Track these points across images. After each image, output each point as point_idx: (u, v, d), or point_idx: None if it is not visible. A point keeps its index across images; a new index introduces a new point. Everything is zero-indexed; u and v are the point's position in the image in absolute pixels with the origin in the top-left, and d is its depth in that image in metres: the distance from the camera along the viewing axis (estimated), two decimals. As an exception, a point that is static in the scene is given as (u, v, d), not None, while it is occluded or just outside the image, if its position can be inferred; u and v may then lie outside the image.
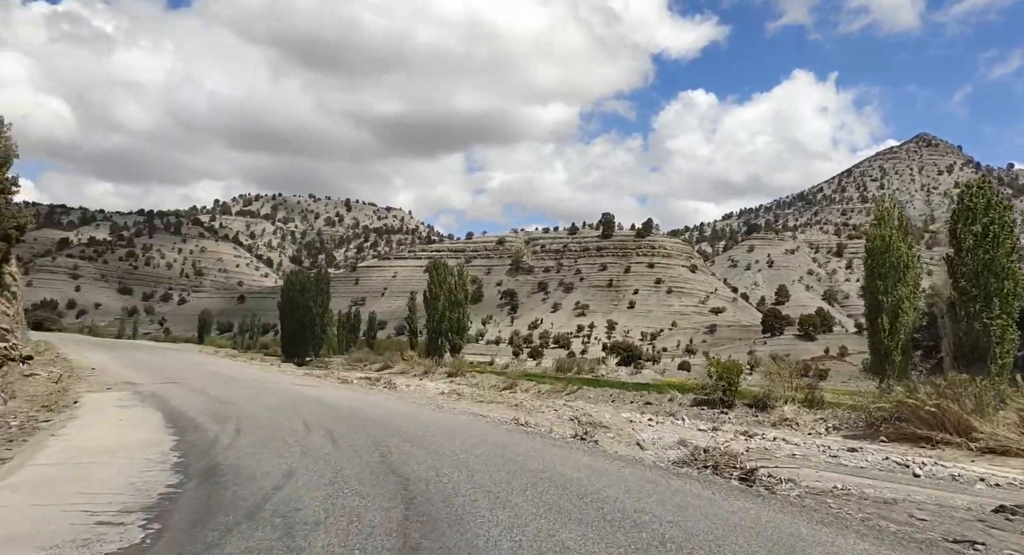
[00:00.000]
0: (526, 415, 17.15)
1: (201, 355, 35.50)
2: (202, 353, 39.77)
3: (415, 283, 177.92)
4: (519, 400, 20.20)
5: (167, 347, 45.09)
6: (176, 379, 17.70)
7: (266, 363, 38.43)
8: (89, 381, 16.83)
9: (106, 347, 34.60)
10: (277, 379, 20.53)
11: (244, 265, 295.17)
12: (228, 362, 31.62)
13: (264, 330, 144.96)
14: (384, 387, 22.51)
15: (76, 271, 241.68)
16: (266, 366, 33.86)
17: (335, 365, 73.09)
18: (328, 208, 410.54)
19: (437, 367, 45.73)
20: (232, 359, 36.23)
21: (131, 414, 11.09)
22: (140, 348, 35.75)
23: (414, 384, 32.91)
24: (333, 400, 14.60)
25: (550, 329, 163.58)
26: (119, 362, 24.96)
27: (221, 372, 21.54)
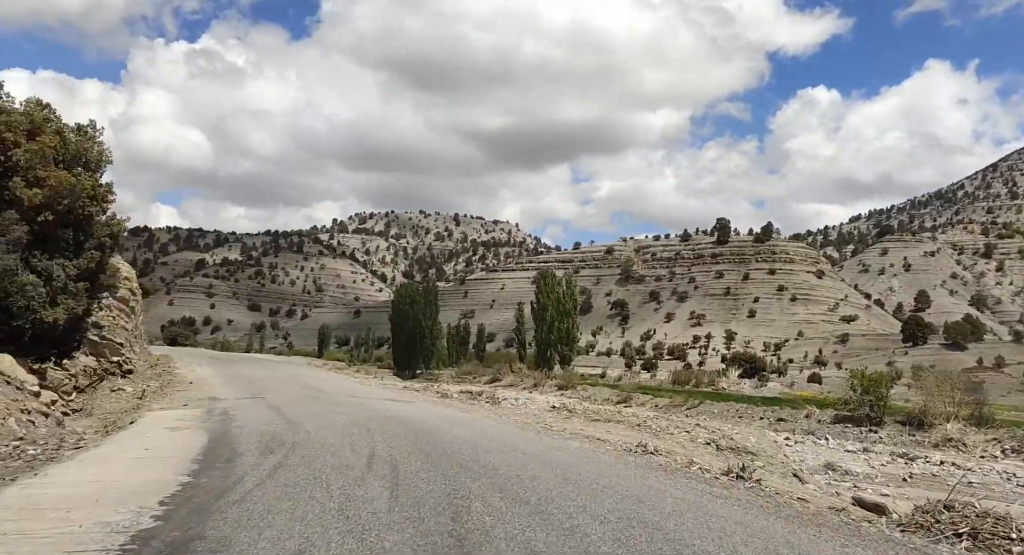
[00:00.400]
0: (653, 438, 13.94)
1: (308, 368, 34.65)
2: (311, 366, 39.22)
3: (523, 295, 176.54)
4: (641, 418, 17.01)
5: (280, 360, 45.22)
6: (262, 394, 16.00)
7: (371, 376, 37.21)
8: (173, 397, 15.38)
9: (219, 361, 34.53)
10: (370, 394, 18.48)
11: (360, 281, 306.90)
12: (331, 375, 30.41)
13: (379, 343, 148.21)
14: (486, 402, 19.97)
15: (211, 290, 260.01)
16: (368, 379, 32.46)
17: (444, 378, 72.00)
18: (437, 223, 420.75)
19: (546, 379, 43.12)
20: (337, 372, 35.27)
21: (170, 440, 9.01)
22: (252, 361, 35.53)
23: (522, 397, 30.56)
24: (421, 420, 12.10)
25: (663, 340, 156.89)
26: (221, 376, 24.05)
27: (314, 386, 19.87)
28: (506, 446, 9.56)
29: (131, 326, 29.12)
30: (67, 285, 15.45)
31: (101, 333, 24.86)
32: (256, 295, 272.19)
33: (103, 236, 16.38)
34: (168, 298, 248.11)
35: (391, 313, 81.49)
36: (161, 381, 19.47)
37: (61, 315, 15.12)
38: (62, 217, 15.53)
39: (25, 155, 14.78)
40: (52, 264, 15.20)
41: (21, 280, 14.45)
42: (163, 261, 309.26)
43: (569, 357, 62.49)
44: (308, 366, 36.36)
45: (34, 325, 14.83)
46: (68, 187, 15.19)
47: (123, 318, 28.58)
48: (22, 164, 14.86)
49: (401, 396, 19.33)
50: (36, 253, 15.14)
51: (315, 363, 47.54)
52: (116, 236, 16.82)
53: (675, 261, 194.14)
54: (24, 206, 14.75)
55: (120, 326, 27.90)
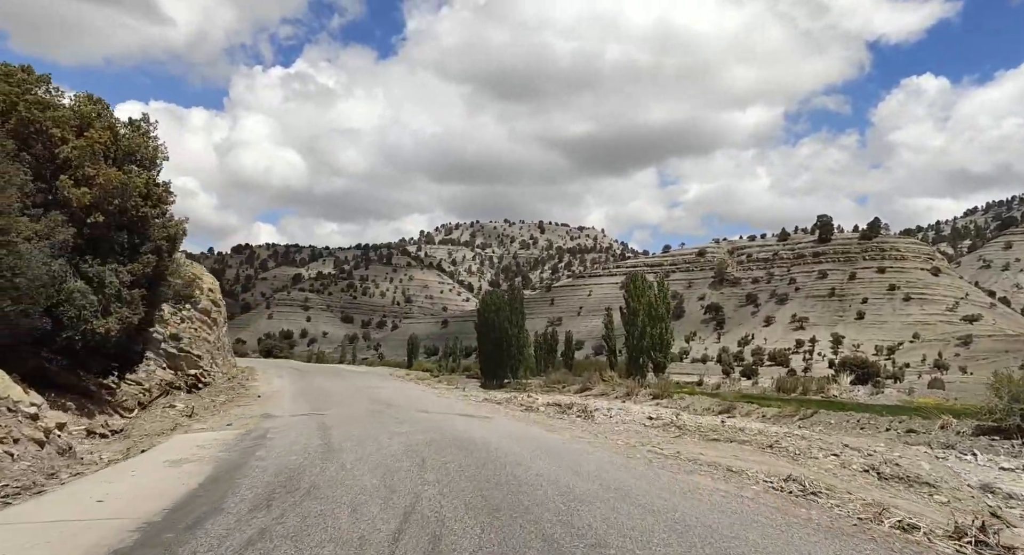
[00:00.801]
0: (795, 465, 11.01)
1: (389, 379, 33.15)
2: (392, 377, 37.84)
3: (611, 301, 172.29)
4: (771, 436, 13.98)
5: (363, 371, 44.29)
6: (323, 409, 14.18)
7: (452, 386, 35.33)
8: (226, 414, 13.79)
9: (301, 373, 33.72)
10: (445, 407, 16.33)
11: (447, 291, 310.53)
12: (409, 386, 28.71)
13: (466, 353, 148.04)
14: (577, 415, 17.39)
15: (306, 303, 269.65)
16: (448, 390, 30.56)
17: (531, 387, 69.86)
18: (522, 231, 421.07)
19: (640, 388, 41.10)
20: (418, 382, 33.68)
21: (150, 483, 6.95)
22: (334, 373, 34.41)
23: (615, 408, 28.17)
24: (495, 444, 9.71)
25: (763, 345, 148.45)
26: (293, 389, 22.70)
27: (385, 399, 17.98)
28: (610, 490, 7.01)
29: (213, 338, 28.54)
30: (120, 292, 14.15)
31: (179, 345, 24.06)
32: (348, 307, 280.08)
33: (160, 239, 15.06)
34: (268, 312, 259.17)
35: (477, 322, 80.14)
36: (229, 395, 18.13)
37: (114, 325, 13.80)
38: (114, 218, 14.28)
39: (73, 152, 13.59)
40: (104, 269, 13.93)
41: (69, 287, 13.19)
42: (263, 276, 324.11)
43: (663, 364, 58.99)
44: (390, 377, 34.95)
45: (84, 336, 13.56)
46: (119, 185, 13.91)
47: (205, 330, 27.98)
48: (72, 162, 13.68)
49: (479, 410, 17.13)
50: (87, 258, 13.93)
51: (398, 373, 46.28)
52: (174, 239, 15.49)
53: (773, 262, 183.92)
54: (72, 207, 13.54)
55: (201, 338, 27.23)
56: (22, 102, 13.00)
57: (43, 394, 14.01)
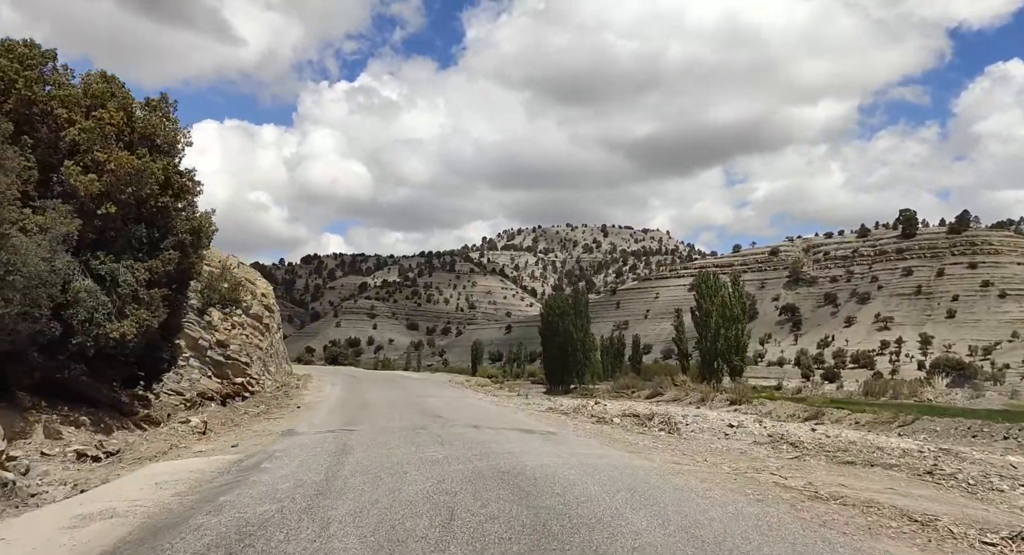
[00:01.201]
0: (975, 500, 8.16)
1: (446, 387, 31.28)
2: (451, 384, 35.94)
3: (679, 303, 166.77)
4: (919, 456, 10.98)
5: (422, 378, 42.21)
6: (358, 424, 12.19)
7: (514, 393, 33.14)
8: (246, 430, 11.99)
9: (357, 380, 32.37)
10: (501, 421, 13.98)
11: (510, 296, 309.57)
12: (466, 394, 26.72)
13: (531, 358, 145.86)
14: (660, 429, 14.74)
15: (372, 311, 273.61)
16: (509, 398, 28.42)
17: (599, 393, 66.92)
18: (585, 235, 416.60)
19: (715, 393, 37.31)
20: (478, 389, 31.67)
21: None
22: (389, 381, 32.71)
23: (690, 414, 25.76)
24: (562, 481, 7.19)
25: (844, 347, 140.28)
26: (339, 399, 21.16)
27: (434, 411, 15.91)
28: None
29: (265, 344, 27.28)
30: (137, 292, 12.53)
31: (226, 352, 22.69)
32: (413, 314, 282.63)
33: (184, 232, 13.41)
34: (336, 320, 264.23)
35: (541, 326, 77.84)
36: (268, 405, 16.48)
37: (130, 329, 12.16)
38: (129, 210, 12.67)
39: (80, 135, 12.04)
40: (117, 266, 12.33)
41: (76, 286, 11.61)
42: (331, 286, 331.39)
43: (740, 368, 55.35)
44: (448, 384, 33.09)
45: (97, 342, 11.96)
46: (133, 172, 12.28)
47: (256, 336, 26.71)
48: (80, 146, 12.15)
49: (541, 423, 14.77)
50: (98, 254, 12.36)
51: (459, 380, 44.32)
52: (199, 232, 13.81)
53: (852, 259, 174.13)
54: (80, 196, 11.98)
55: (252, 344, 25.94)
56: (22, 79, 11.53)
57: (55, 407, 12.47)
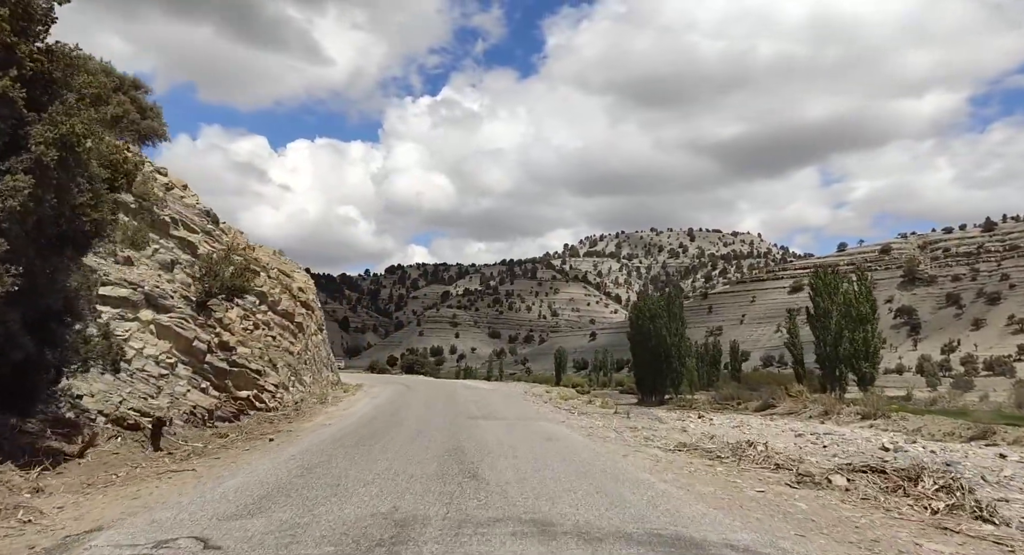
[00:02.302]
0: None
1: (520, 401, 24.98)
2: (528, 395, 29.58)
3: (779, 306, 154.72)
4: None
5: (492, 388, 35.78)
6: (343, 482, 6.48)
7: (607, 409, 26.75)
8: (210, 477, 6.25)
9: (411, 390, 27.03)
10: (615, 484, 7.60)
11: (594, 303, 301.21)
12: (545, 411, 20.55)
13: (618, 366, 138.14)
14: (933, 496, 8.12)
15: (454, 319, 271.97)
16: (601, 417, 22.22)
17: (700, 404, 59.09)
18: (671, 239, 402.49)
19: (841, 405, 32.71)
20: (561, 402, 25.53)
21: None
22: (449, 393, 26.60)
23: (820, 431, 20.70)
24: None
25: (974, 352, 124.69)
26: (364, 419, 15.66)
27: (483, 443, 10.07)
28: None
29: (298, 348, 22.16)
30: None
31: (232, 357, 17.47)
32: (495, 323, 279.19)
33: (45, 141, 7.71)
34: (419, 329, 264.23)
35: (629, 331, 70.75)
36: (250, 434, 10.99)
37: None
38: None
39: None
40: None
41: None
42: (414, 295, 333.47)
43: (870, 376, 46.70)
44: (523, 397, 26.95)
45: None
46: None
47: (286, 338, 21.58)
48: None
49: (637, 460, 8.53)
50: None
51: (538, 390, 38.00)
52: (82, 138, 8.07)
53: (978, 256, 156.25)
54: None
55: (281, 348, 20.84)
56: None
57: None
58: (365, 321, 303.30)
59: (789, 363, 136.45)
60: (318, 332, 24.86)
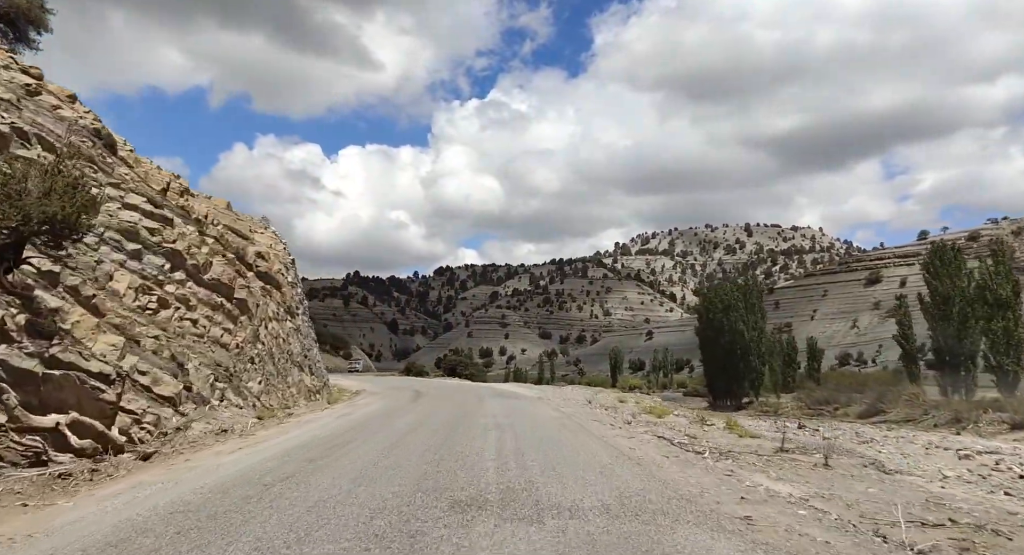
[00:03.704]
0: None
1: (566, 411, 17.31)
2: (595, 406, 21.46)
3: (854, 300, 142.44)
4: None
5: (537, 395, 26.30)
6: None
7: (658, 404, 18.88)
8: None
9: (421, 399, 19.84)
10: None
11: (648, 301, 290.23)
12: (597, 431, 13.00)
13: (677, 366, 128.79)
14: None
15: (504, 320, 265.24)
16: (647, 417, 14.56)
17: (785, 409, 50.74)
18: (727, 235, 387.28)
19: (979, 412, 27.67)
20: (619, 405, 18.13)
21: None
22: (477, 406, 19.23)
23: (971, 449, 15.44)
24: None
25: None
26: (320, 445, 8.13)
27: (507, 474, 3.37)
28: None
29: (238, 339, 14.91)
30: None
31: (56, 351, 10.33)
32: (546, 323, 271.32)
33: None
34: (467, 331, 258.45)
35: (698, 326, 62.26)
36: None
37: None
38: None
39: None
40: None
41: None
42: (462, 296, 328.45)
43: (1013, 375, 37.62)
44: (588, 413, 18.82)
45: None
46: None
47: (220, 323, 14.42)
48: None
49: None
50: None
51: (588, 393, 29.48)
52: None
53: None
54: None
55: (210, 338, 13.74)
56: None
57: None
58: (414, 323, 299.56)
59: (870, 361, 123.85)
60: (288, 319, 17.69)
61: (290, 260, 18.74)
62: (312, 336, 20.27)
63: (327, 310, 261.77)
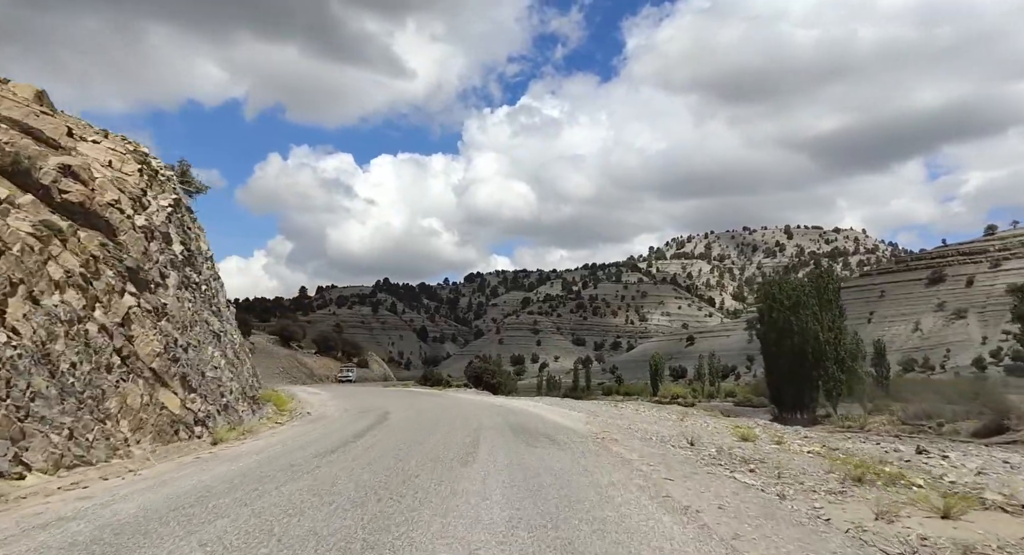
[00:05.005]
0: None
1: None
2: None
3: (915, 300, 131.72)
4: None
5: (567, 416, 18.04)
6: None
7: (711, 415, 10.99)
8: None
9: (399, 434, 12.28)
10: None
11: (685, 306, 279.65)
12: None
13: (723, 373, 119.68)
14: None
15: (535, 326, 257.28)
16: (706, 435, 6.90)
17: (875, 425, 42.68)
18: (766, 238, 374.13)
19: None
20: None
21: None
22: (492, 433, 11.74)
23: None
24: None
25: None
26: None
27: None
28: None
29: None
30: None
31: None
32: (579, 329, 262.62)
33: None
34: (498, 337, 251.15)
35: (760, 328, 54.16)
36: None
37: None
38: None
39: None
40: None
41: None
42: (493, 303, 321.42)
43: None
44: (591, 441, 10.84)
45: None
46: None
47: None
48: None
49: None
50: None
51: (627, 408, 21.30)
52: None
53: None
54: None
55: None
56: None
57: None
58: (444, 330, 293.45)
59: (938, 366, 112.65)
60: (138, 292, 10.43)
61: (172, 200, 11.47)
62: (224, 331, 13.12)
63: (355, 317, 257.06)
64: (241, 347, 16.49)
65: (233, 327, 16.17)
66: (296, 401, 21.46)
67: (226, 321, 14.75)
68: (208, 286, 13.52)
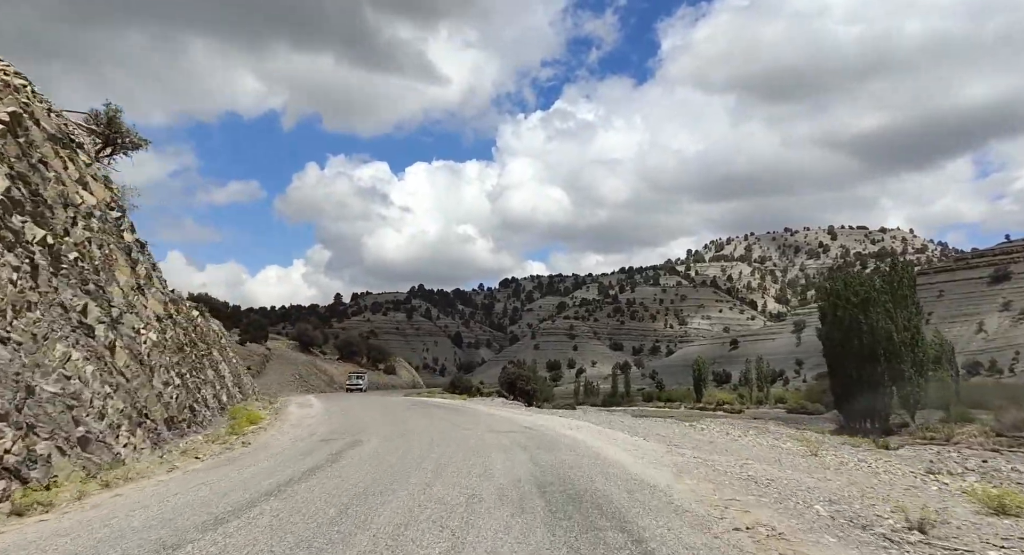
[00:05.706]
0: None
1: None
2: (682, 456, 9.12)
3: (976, 300, 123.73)
4: None
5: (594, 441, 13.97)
6: None
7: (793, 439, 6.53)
8: None
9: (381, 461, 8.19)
10: None
11: (727, 309, 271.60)
12: None
13: (772, 378, 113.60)
14: None
15: (572, 331, 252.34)
16: None
17: (966, 438, 37.98)
18: (808, 239, 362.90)
19: None
20: None
21: None
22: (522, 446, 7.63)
23: None
24: None
25: None
26: None
27: None
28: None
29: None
30: None
31: None
32: (616, 333, 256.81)
33: None
34: (534, 342, 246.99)
35: (821, 328, 49.15)
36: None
37: None
38: None
39: None
40: None
41: None
42: (528, 308, 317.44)
43: None
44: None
45: None
46: None
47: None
48: None
49: None
50: None
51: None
52: None
53: None
54: None
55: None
56: None
57: None
58: (479, 336, 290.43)
59: (1007, 370, 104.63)
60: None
61: (7, 112, 7.61)
62: (120, 320, 9.29)
63: (390, 323, 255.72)
64: (192, 347, 12.79)
65: (152, 315, 12.35)
66: (272, 418, 17.77)
67: (132, 308, 11.01)
68: (87, 253, 9.79)
